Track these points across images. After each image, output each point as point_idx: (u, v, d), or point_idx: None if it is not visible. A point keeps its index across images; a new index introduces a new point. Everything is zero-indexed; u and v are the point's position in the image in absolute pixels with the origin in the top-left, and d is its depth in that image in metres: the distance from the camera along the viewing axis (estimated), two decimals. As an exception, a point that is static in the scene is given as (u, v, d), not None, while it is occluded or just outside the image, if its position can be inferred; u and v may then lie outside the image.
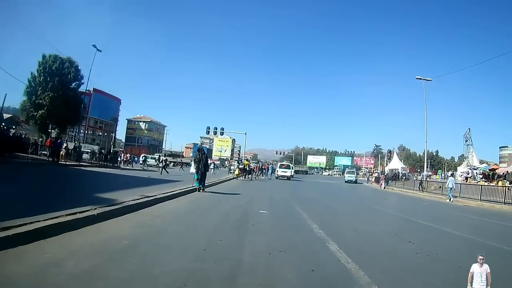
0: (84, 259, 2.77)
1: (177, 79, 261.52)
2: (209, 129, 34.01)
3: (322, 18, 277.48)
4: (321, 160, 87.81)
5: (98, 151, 28.59)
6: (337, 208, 10.06)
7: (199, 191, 9.94)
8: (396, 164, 35.66)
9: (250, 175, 23.40)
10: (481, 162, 31.45)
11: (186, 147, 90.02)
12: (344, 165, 72.66)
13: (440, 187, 19.40)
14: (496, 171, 25.45)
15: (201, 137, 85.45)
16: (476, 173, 24.08)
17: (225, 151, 74.27)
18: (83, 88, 28.32)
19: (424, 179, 23.97)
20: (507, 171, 24.10)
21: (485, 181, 20.86)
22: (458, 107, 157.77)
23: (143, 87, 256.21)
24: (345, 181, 31.88)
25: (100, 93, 54.58)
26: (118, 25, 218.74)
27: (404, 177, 29.48)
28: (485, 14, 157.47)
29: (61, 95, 24.49)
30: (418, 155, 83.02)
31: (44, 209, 3.88)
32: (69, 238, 3.38)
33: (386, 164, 42.41)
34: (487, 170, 26.06)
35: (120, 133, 73.59)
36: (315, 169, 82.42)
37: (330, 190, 19.81)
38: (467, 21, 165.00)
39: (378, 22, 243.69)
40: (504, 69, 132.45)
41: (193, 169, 11.08)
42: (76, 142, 27.64)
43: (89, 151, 29.33)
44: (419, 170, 53.90)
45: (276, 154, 79.52)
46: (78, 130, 47.21)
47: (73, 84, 26.45)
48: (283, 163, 32.88)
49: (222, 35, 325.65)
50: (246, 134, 39.53)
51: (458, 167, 33.70)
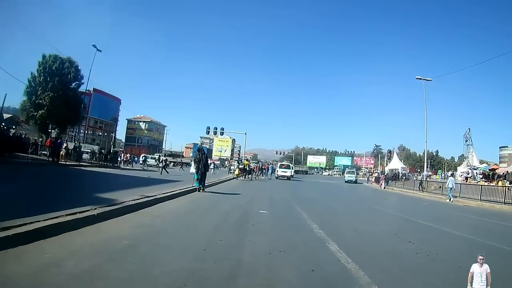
0: (84, 259, 2.77)
1: (177, 79, 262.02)
2: (209, 129, 34.04)
3: (322, 18, 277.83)
4: (321, 160, 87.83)
5: (98, 151, 28.59)
6: (337, 208, 10.06)
7: (199, 191, 9.94)
8: (396, 164, 35.67)
9: (250, 175, 23.39)
10: (481, 162, 31.45)
11: (186, 147, 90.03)
12: (344, 165, 72.65)
13: (440, 187, 19.40)
14: (496, 171, 25.45)
15: (201, 137, 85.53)
16: (476, 173, 24.08)
17: (225, 151, 74.29)
18: (83, 88, 28.38)
19: (424, 179, 23.96)
20: (507, 171, 24.10)
21: (485, 181, 20.86)
22: (458, 107, 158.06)
23: (143, 87, 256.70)
24: (345, 181, 31.89)
25: (100, 93, 54.55)
26: (118, 25, 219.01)
27: (404, 177, 29.48)
28: (485, 14, 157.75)
29: (61, 95, 24.51)
30: (418, 155, 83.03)
31: (44, 209, 3.88)
32: (69, 238, 3.38)
33: (386, 164, 42.42)
34: (487, 170, 26.06)
35: (120, 133, 73.78)
36: (315, 169, 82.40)
37: (330, 190, 19.81)
38: (467, 21, 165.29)
39: (378, 22, 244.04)
40: (504, 69, 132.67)
41: (193, 169, 11.09)
42: (76, 142, 27.63)
43: (89, 151, 29.32)
44: (419, 170, 53.90)
45: (276, 154, 79.54)
46: (78, 130, 47.21)
47: (73, 84, 26.48)
48: (283, 163, 32.89)
49: (222, 35, 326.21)
50: (246, 134, 39.66)
51: (458, 167, 33.70)
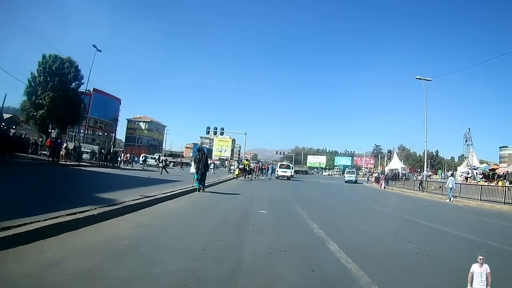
0: (84, 259, 2.77)
1: (177, 79, 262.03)
2: (209, 129, 34.05)
3: (322, 18, 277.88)
4: (321, 160, 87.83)
5: (98, 151, 28.59)
6: (337, 208, 10.06)
7: (199, 191, 9.94)
8: (396, 164, 35.67)
9: (250, 175, 23.40)
10: (481, 162, 31.46)
11: (186, 147, 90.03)
12: (344, 165, 72.65)
13: (440, 187, 19.39)
14: (496, 171, 25.46)
15: (201, 137, 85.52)
16: (476, 173, 24.08)
17: (225, 151, 74.30)
18: (83, 88, 28.38)
19: (424, 179, 23.96)
20: (507, 171, 24.10)
21: (485, 181, 20.85)
22: (458, 107, 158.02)
23: (143, 87, 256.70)
24: (345, 181, 31.89)
25: (100, 93, 54.54)
26: (118, 25, 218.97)
27: (404, 177, 29.48)
28: (485, 14, 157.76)
29: (61, 95, 24.51)
30: (418, 155, 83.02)
31: (44, 209, 3.88)
32: (69, 238, 3.38)
33: (386, 164, 42.41)
34: (487, 170, 26.07)
35: (120, 133, 73.78)
36: (315, 169, 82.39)
37: (330, 190, 19.81)
38: (467, 21, 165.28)
39: (378, 22, 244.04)
40: (504, 69, 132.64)
41: (193, 169, 11.09)
42: (76, 142, 27.63)
43: (89, 151, 29.32)
44: (419, 170, 53.90)
45: (276, 154, 79.51)
46: (78, 130, 47.21)
47: (73, 84, 26.47)
48: (283, 163, 32.88)
49: (222, 35, 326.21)
50: (246, 134, 39.67)
51: (458, 167, 33.69)
